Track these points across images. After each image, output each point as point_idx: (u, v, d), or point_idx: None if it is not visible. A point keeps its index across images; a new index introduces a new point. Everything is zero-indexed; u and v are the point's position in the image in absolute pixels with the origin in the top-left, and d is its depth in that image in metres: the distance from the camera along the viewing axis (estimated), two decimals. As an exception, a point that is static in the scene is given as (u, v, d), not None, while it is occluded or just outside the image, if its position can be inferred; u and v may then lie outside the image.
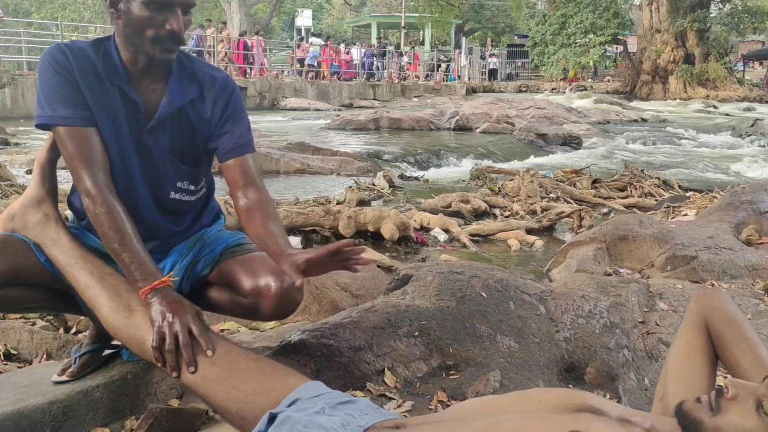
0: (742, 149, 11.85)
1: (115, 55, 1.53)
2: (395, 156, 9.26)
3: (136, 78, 1.55)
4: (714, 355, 1.32)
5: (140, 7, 1.45)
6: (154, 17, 1.46)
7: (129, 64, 1.54)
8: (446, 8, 29.59)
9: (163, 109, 1.56)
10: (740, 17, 24.46)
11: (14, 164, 7.12)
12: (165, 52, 1.50)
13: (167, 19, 1.46)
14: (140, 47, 1.49)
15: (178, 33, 1.48)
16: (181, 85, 1.58)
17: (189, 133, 1.61)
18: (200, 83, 1.61)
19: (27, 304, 1.57)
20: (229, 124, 1.62)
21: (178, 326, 1.39)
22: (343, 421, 1.22)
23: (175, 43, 1.50)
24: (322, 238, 4.62)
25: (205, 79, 1.62)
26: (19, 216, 1.58)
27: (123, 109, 1.54)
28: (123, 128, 1.55)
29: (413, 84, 23.29)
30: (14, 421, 1.49)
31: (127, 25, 1.48)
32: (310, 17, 34.67)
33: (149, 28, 1.47)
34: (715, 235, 3.59)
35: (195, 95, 1.60)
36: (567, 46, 25.24)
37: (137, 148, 1.57)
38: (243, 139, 1.63)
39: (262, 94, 18.24)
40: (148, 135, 1.57)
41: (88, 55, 1.52)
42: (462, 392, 1.79)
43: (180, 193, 1.65)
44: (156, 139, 1.58)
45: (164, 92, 1.57)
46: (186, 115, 1.60)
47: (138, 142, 1.56)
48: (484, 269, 2.33)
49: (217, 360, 1.38)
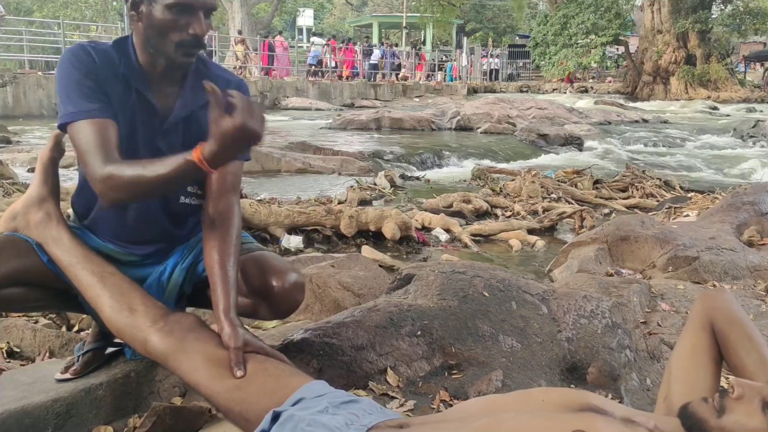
0: (743, 150, 11.84)
1: (133, 57, 1.53)
2: (396, 156, 9.26)
3: (152, 80, 1.55)
4: (718, 355, 1.32)
5: (163, 10, 1.44)
6: (177, 20, 1.45)
7: (146, 67, 1.53)
8: (447, 8, 29.56)
9: (177, 113, 1.56)
10: (742, 18, 24.45)
11: (15, 163, 7.12)
12: (186, 56, 1.50)
13: (190, 23, 1.45)
14: (161, 50, 1.49)
15: (201, 37, 1.48)
16: (195, 89, 1.58)
17: (199, 137, 1.61)
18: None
19: (30, 303, 1.57)
20: None
21: (243, 104, 1.30)
22: (347, 420, 1.22)
23: (197, 46, 1.50)
24: (323, 237, 4.62)
25: (218, 82, 1.61)
26: (22, 215, 1.58)
27: (139, 112, 1.54)
28: (138, 131, 1.54)
29: (414, 84, 23.27)
30: (17, 418, 1.49)
31: (149, 28, 1.47)
32: (312, 17, 34.69)
33: (172, 32, 1.45)
34: (716, 236, 3.58)
35: (207, 99, 1.60)
36: (568, 47, 25.24)
37: (151, 151, 1.56)
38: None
39: (263, 93, 18.24)
40: (162, 138, 1.57)
41: (111, 57, 1.51)
42: (464, 392, 1.79)
43: (189, 198, 1.65)
44: (169, 142, 1.57)
45: (178, 95, 1.57)
46: (197, 118, 1.60)
47: (151, 145, 1.56)
48: (486, 269, 2.33)
49: (224, 362, 1.38)
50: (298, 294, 1.60)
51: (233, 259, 1.51)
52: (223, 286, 1.47)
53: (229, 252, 1.51)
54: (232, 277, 1.50)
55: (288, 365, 1.44)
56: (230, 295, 1.47)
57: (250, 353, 1.41)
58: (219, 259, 1.49)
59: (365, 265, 3.06)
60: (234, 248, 1.52)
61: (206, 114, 1.57)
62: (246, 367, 1.37)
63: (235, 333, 1.41)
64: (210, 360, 1.38)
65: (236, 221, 1.56)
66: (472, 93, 23.69)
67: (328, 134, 12.02)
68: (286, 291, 1.56)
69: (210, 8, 1.49)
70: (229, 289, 1.48)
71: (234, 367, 1.35)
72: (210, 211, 1.55)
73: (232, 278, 1.50)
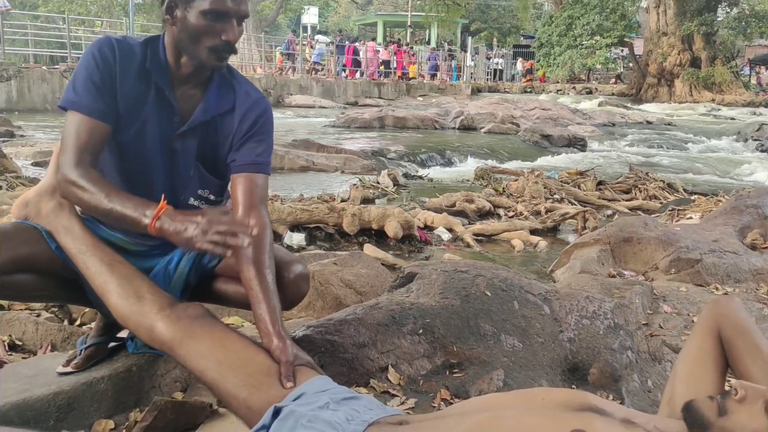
0: (747, 153, 11.82)
1: (162, 56, 1.55)
2: (400, 155, 9.27)
3: (177, 81, 1.57)
4: (724, 361, 1.32)
5: (198, 16, 1.47)
6: (212, 26, 1.48)
7: (174, 68, 1.56)
8: (452, 8, 29.54)
9: (197, 116, 1.58)
10: (747, 21, 24.36)
11: (20, 156, 7.14)
12: (218, 61, 1.53)
13: (224, 29, 1.49)
14: (194, 54, 1.51)
15: (233, 43, 1.51)
16: (218, 95, 1.61)
17: (215, 144, 1.63)
18: (235, 96, 1.62)
19: (36, 291, 1.58)
20: (252, 141, 1.62)
21: (209, 218, 1.37)
22: (348, 416, 1.23)
23: (229, 52, 1.53)
24: (326, 235, 4.62)
25: (240, 93, 1.63)
26: (33, 203, 1.60)
27: (157, 110, 1.56)
28: (153, 128, 1.56)
29: (418, 83, 23.28)
30: (19, 411, 1.50)
31: (183, 32, 1.50)
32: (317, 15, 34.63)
33: (206, 37, 1.49)
34: (719, 239, 3.58)
35: (228, 107, 1.61)
36: (573, 48, 25.18)
37: (163, 150, 1.58)
38: (261, 159, 1.62)
39: (267, 91, 18.26)
40: (178, 139, 1.58)
41: (135, 52, 1.54)
42: (465, 390, 1.80)
43: (199, 201, 1.67)
44: (184, 144, 1.59)
45: (201, 99, 1.59)
46: (215, 125, 1.61)
47: (166, 144, 1.58)
48: (488, 268, 2.33)
49: (231, 347, 1.39)
50: (303, 284, 1.62)
51: (271, 272, 1.52)
52: (266, 299, 1.47)
53: (266, 265, 1.51)
54: (273, 290, 1.50)
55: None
56: (275, 308, 1.47)
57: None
58: (257, 274, 1.49)
59: (367, 263, 3.06)
60: (270, 261, 1.53)
61: (226, 121, 1.59)
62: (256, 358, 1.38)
63: (285, 347, 1.41)
64: (218, 346, 1.39)
65: (268, 232, 1.57)
66: (476, 93, 23.68)
67: (332, 132, 12.03)
68: (291, 282, 1.58)
69: (243, 15, 1.52)
70: (273, 302, 1.48)
71: (284, 380, 1.35)
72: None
73: (273, 291, 1.50)
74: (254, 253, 1.50)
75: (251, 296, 1.48)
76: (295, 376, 1.36)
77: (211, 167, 1.65)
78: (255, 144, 1.62)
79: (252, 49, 22.71)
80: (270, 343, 1.42)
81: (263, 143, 1.63)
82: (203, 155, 1.62)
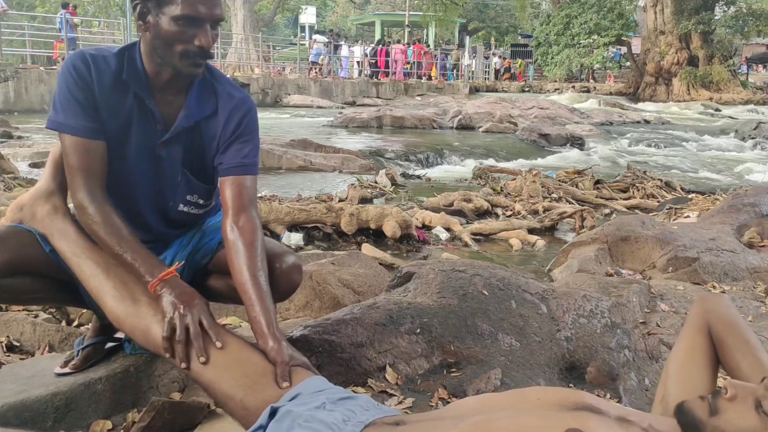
0: (744, 152, 11.84)
1: (139, 64, 1.53)
2: (398, 154, 9.27)
3: (157, 89, 1.55)
4: (715, 358, 1.33)
5: (170, 22, 1.44)
6: (184, 32, 1.45)
7: (152, 75, 1.54)
8: (450, 7, 29.51)
9: (180, 123, 1.57)
10: (745, 20, 24.40)
11: (17, 157, 7.12)
12: (192, 67, 1.50)
13: (196, 35, 1.46)
14: (168, 60, 1.49)
15: (207, 48, 1.48)
16: (199, 100, 1.59)
17: (200, 148, 1.62)
18: (217, 99, 1.61)
19: (31, 294, 1.58)
20: (237, 143, 1.61)
21: (189, 318, 1.39)
22: (344, 417, 1.23)
23: (204, 57, 1.50)
24: (323, 234, 4.62)
25: (223, 95, 1.61)
26: (29, 207, 1.60)
27: (139, 120, 1.55)
28: (136, 138, 1.55)
29: (416, 82, 23.27)
30: (17, 412, 1.50)
31: (156, 38, 1.47)
32: (314, 14, 34.63)
33: (178, 43, 1.46)
34: (716, 237, 3.59)
35: (211, 111, 1.60)
36: (571, 47, 25.17)
37: (149, 159, 1.57)
38: (248, 160, 1.61)
39: (264, 90, 18.26)
40: (162, 147, 1.58)
41: (110, 63, 1.52)
42: (463, 390, 1.80)
43: (189, 206, 1.67)
44: (169, 152, 1.59)
45: (182, 105, 1.57)
46: (199, 129, 1.60)
47: (151, 153, 1.57)
48: (486, 268, 2.33)
49: (227, 349, 1.39)
50: (296, 275, 1.63)
51: (264, 273, 1.51)
52: (260, 301, 1.47)
53: (258, 267, 1.51)
54: (267, 291, 1.50)
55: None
56: (270, 309, 1.47)
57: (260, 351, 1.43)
58: (251, 276, 1.49)
59: (365, 262, 3.06)
60: (262, 262, 1.53)
61: (210, 125, 1.58)
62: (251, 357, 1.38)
63: (280, 348, 1.41)
64: (218, 348, 1.39)
65: (259, 234, 1.56)
66: (474, 92, 23.67)
67: (330, 132, 12.02)
68: (284, 272, 1.59)
69: (217, 20, 1.49)
70: (267, 303, 1.48)
71: (280, 380, 1.35)
72: (231, 227, 1.55)
73: (267, 292, 1.49)
74: (247, 256, 1.51)
75: (245, 299, 1.48)
76: (291, 377, 1.36)
77: (199, 172, 1.64)
78: (241, 145, 1.60)
79: (250, 49, 22.69)
80: (265, 345, 1.42)
81: (249, 143, 1.62)
82: (190, 161, 1.62)
